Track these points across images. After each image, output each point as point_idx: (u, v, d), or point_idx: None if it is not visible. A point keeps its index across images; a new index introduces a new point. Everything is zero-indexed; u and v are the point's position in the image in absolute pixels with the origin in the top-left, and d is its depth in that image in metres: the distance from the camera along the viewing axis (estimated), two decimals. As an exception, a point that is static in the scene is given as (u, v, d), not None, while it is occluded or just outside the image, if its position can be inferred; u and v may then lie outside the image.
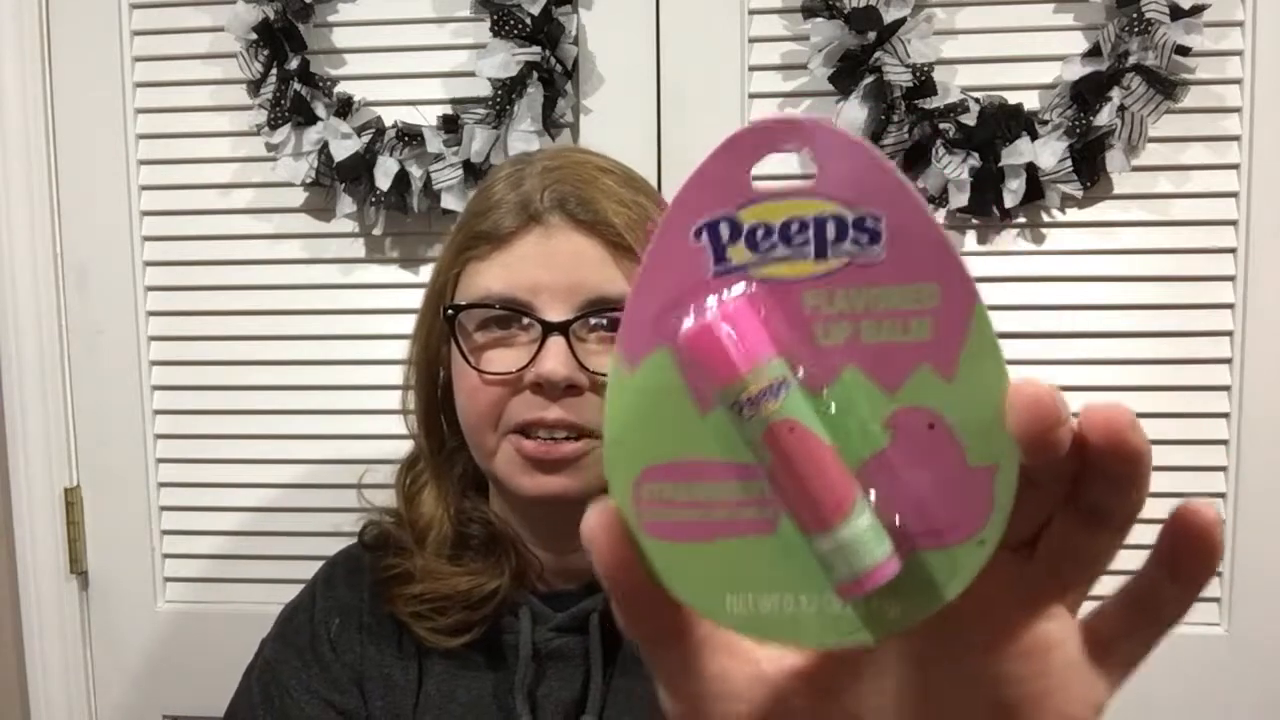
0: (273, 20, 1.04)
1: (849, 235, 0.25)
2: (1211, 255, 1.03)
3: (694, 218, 0.26)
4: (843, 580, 0.25)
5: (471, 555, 0.73)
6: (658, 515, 0.26)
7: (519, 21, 1.00)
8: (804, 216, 0.25)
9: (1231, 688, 1.05)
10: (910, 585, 0.25)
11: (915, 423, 0.25)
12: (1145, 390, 1.04)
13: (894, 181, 0.25)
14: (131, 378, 1.15)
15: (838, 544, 0.25)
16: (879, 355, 0.25)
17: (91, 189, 1.14)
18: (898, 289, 0.25)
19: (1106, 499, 0.26)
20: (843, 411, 0.25)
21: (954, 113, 1.00)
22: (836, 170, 0.25)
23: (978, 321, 0.24)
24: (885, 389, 0.25)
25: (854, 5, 0.98)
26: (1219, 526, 0.26)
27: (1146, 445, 0.24)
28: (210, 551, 1.16)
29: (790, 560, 0.26)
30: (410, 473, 0.78)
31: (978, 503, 0.25)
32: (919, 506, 0.25)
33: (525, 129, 1.02)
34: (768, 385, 0.25)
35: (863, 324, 0.25)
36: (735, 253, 0.25)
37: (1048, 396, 0.23)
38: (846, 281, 0.25)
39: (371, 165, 1.05)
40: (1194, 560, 0.26)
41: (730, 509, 0.26)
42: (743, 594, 0.26)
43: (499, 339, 0.69)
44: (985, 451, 0.25)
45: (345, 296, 1.12)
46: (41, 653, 1.17)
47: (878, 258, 0.25)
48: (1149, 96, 0.98)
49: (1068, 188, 1.01)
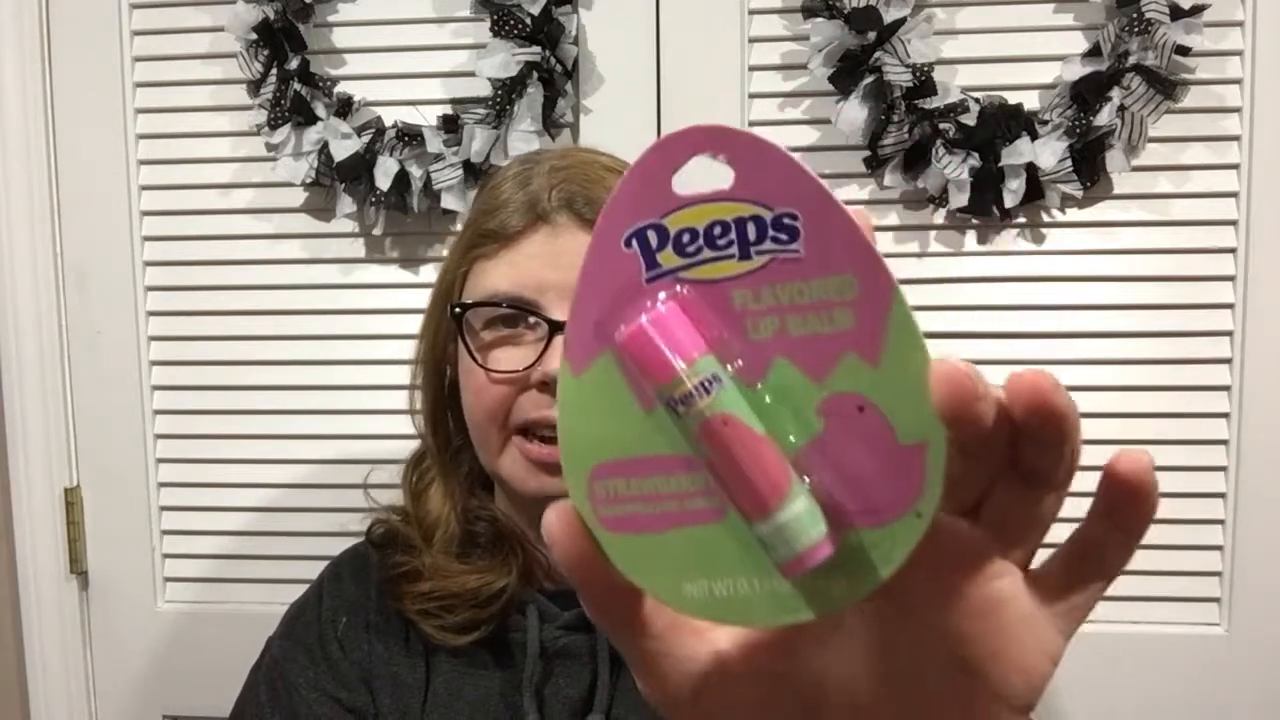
0: (273, 20, 1.04)
1: (769, 234, 0.26)
2: (1211, 255, 1.03)
3: (624, 226, 0.27)
4: (784, 561, 0.27)
5: (479, 553, 0.73)
6: (612, 510, 0.28)
7: (519, 21, 1.00)
8: (725, 219, 0.27)
9: (1231, 688, 1.05)
10: (853, 561, 0.27)
11: (845, 407, 0.26)
12: (1145, 390, 1.04)
13: (809, 181, 0.26)
14: (131, 378, 1.15)
15: (775, 527, 0.26)
16: (806, 346, 0.27)
17: (91, 189, 1.14)
18: (818, 282, 0.26)
19: (1041, 461, 0.27)
20: (777, 401, 0.27)
21: (954, 113, 1.00)
22: (753, 173, 0.26)
23: (897, 308, 0.26)
24: (814, 378, 0.27)
25: (854, 5, 0.98)
26: (1150, 471, 0.27)
27: (1071, 405, 0.26)
28: (210, 551, 1.16)
29: (738, 546, 0.28)
30: (417, 470, 0.78)
31: (911, 479, 0.26)
32: (855, 486, 0.27)
33: (525, 129, 1.02)
34: (699, 382, 0.26)
35: (789, 318, 0.27)
36: (665, 257, 0.27)
37: (964, 374, 0.25)
38: (770, 278, 0.27)
39: (371, 165, 1.05)
40: (1131, 507, 0.28)
41: (680, 500, 0.28)
42: (697, 580, 0.28)
43: (506, 338, 0.69)
44: (914, 430, 0.26)
45: (345, 296, 1.12)
46: (41, 653, 1.17)
47: (797, 254, 0.26)
48: (1149, 96, 0.98)
49: (1068, 188, 1.01)
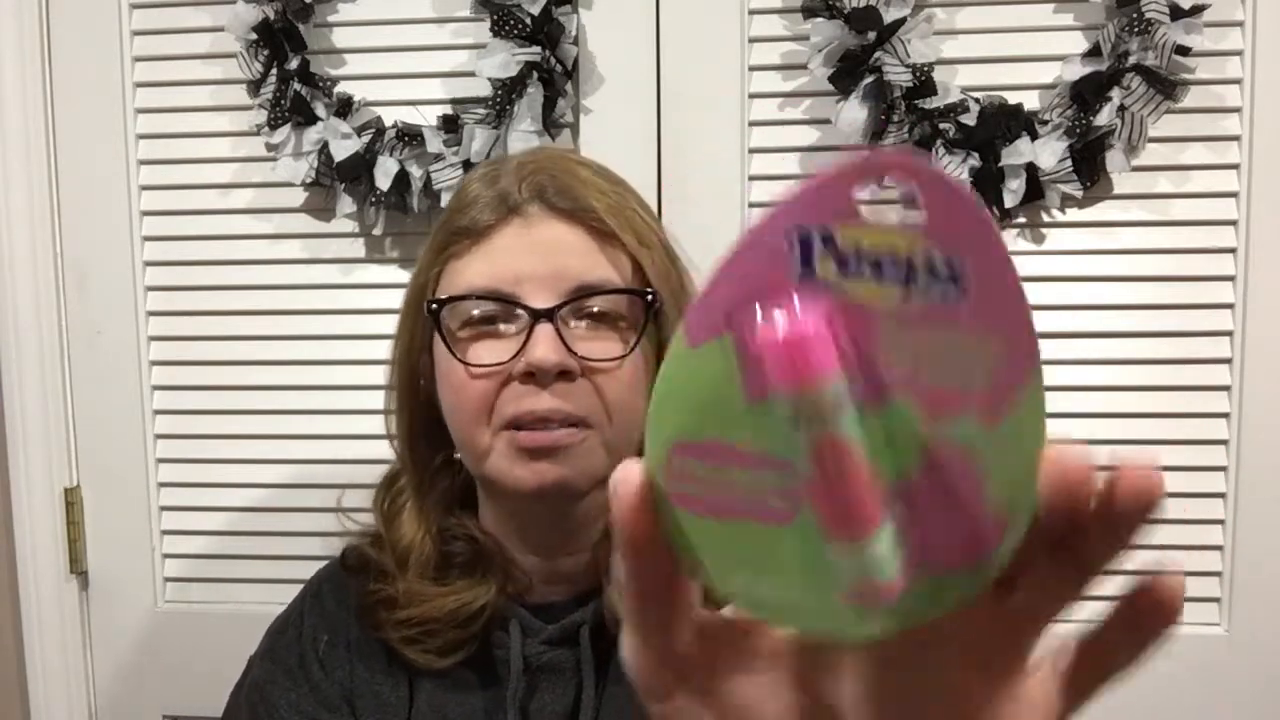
0: (273, 20, 1.04)
1: (935, 278, 0.26)
2: (1211, 255, 1.03)
3: (793, 221, 0.26)
4: (849, 588, 0.27)
5: (456, 574, 0.71)
6: (684, 487, 0.28)
7: (519, 21, 1.00)
8: (897, 249, 0.26)
9: (1231, 688, 1.05)
10: (905, 599, 0.27)
11: (948, 460, 0.26)
12: (1145, 390, 1.04)
13: (990, 235, 0.25)
14: (131, 378, 1.15)
15: (854, 557, 0.26)
16: (934, 393, 0.26)
17: (91, 189, 1.14)
18: (967, 338, 0.26)
19: (1098, 551, 0.27)
20: (886, 435, 0.26)
21: (954, 113, 1.00)
22: (939, 215, 0.25)
23: (1033, 382, 0.26)
24: (929, 423, 0.26)
25: (854, 5, 0.98)
26: (1183, 590, 0.28)
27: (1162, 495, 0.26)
28: (210, 551, 1.16)
29: (800, 553, 0.27)
30: (389, 493, 0.76)
31: (984, 542, 0.26)
32: (931, 535, 0.27)
33: (525, 129, 1.02)
34: (829, 402, 0.25)
35: (925, 362, 0.26)
36: (823, 266, 0.26)
37: (1084, 469, 0.25)
38: (921, 320, 0.26)
39: (371, 165, 1.05)
40: (1155, 624, 0.28)
41: (753, 495, 0.27)
42: (748, 573, 0.28)
43: (485, 333, 0.68)
44: (1006, 501, 0.26)
45: (345, 296, 1.12)
46: (41, 653, 1.17)
47: (957, 305, 0.26)
48: (1149, 96, 0.98)
49: (1068, 188, 1.01)
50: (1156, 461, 0.25)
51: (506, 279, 0.66)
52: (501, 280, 0.67)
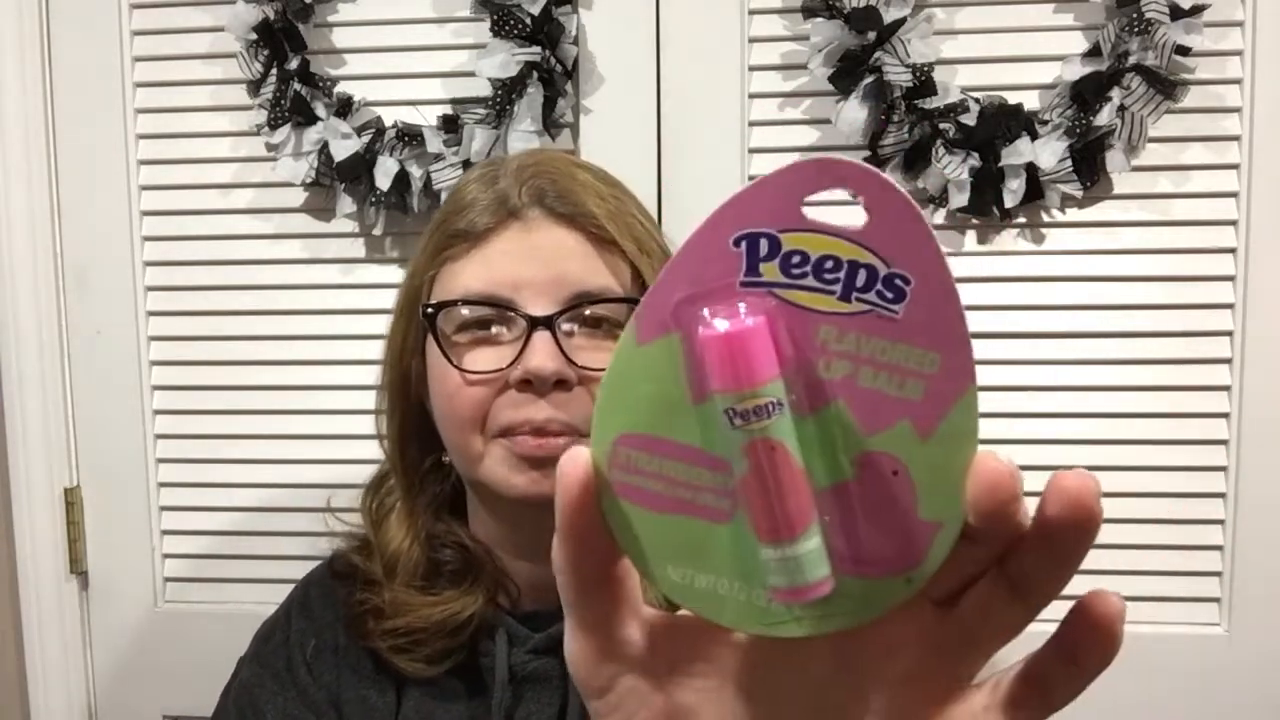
0: (273, 20, 1.04)
1: (876, 287, 0.26)
2: (1211, 255, 1.03)
3: (740, 224, 0.27)
4: (779, 587, 0.28)
5: (444, 582, 0.71)
6: (626, 478, 0.28)
7: (519, 21, 1.00)
8: (840, 257, 0.27)
9: (1231, 688, 1.05)
10: (833, 600, 0.28)
11: (882, 466, 0.27)
12: (1145, 390, 1.04)
13: (932, 250, 0.26)
14: (131, 378, 1.15)
15: (784, 557, 0.27)
16: (868, 400, 0.27)
17: (91, 189, 1.14)
18: (904, 348, 0.26)
19: (1037, 570, 0.27)
20: (820, 439, 0.27)
21: (954, 113, 1.00)
22: (883, 225, 0.26)
23: (967, 399, 0.26)
24: (864, 430, 0.27)
25: (854, 5, 0.98)
26: (1121, 619, 0.27)
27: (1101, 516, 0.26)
28: (210, 551, 1.16)
29: (733, 551, 0.28)
30: (376, 495, 0.75)
31: (915, 549, 0.27)
32: (862, 538, 0.27)
33: (525, 129, 1.02)
34: (764, 404, 0.26)
35: (862, 368, 0.27)
36: (767, 269, 0.27)
37: (1008, 476, 0.25)
38: (860, 328, 0.27)
39: (371, 165, 1.05)
40: (1093, 648, 0.27)
41: (693, 491, 0.28)
42: (683, 567, 0.29)
43: (481, 339, 0.66)
44: (936, 508, 0.27)
45: (345, 296, 1.12)
46: (41, 653, 1.17)
47: (895, 315, 0.26)
48: (1149, 96, 0.98)
49: (1068, 188, 1.01)
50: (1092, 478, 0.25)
51: (504, 284, 0.65)
52: (499, 285, 0.65)
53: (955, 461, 0.26)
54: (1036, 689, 0.29)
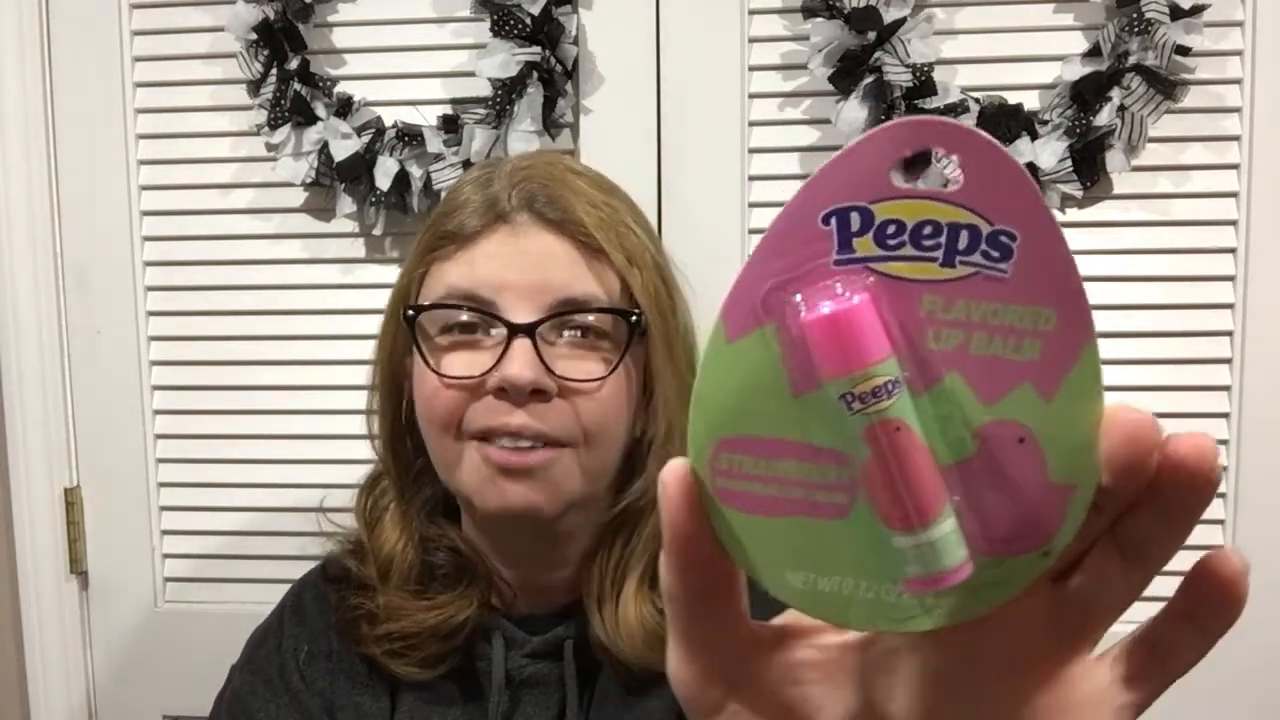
0: (273, 20, 1.04)
1: (980, 247, 0.25)
2: (1211, 255, 1.03)
3: (826, 202, 0.25)
4: (915, 576, 0.26)
5: (438, 586, 0.70)
6: (731, 484, 0.27)
7: (519, 21, 1.00)
8: (939, 221, 0.25)
9: (1232, 688, 1.05)
10: (970, 585, 0.26)
11: (1006, 435, 0.25)
12: (1145, 390, 1.04)
13: (1035, 202, 0.25)
14: (131, 378, 1.15)
15: (920, 544, 0.25)
16: (984, 367, 0.25)
17: (91, 189, 1.14)
18: (1017, 308, 0.25)
19: (1153, 533, 0.26)
20: (938, 415, 0.26)
21: (954, 113, 1.00)
22: (980, 181, 0.25)
23: (1087, 352, 0.25)
24: (983, 400, 0.25)
25: (854, 5, 0.98)
26: (1245, 577, 0.26)
27: (1218, 476, 0.25)
28: (210, 552, 1.16)
29: (856, 546, 0.27)
30: (371, 495, 0.75)
31: (1050, 518, 0.25)
32: (995, 514, 0.26)
33: (525, 129, 1.02)
34: (882, 383, 0.25)
35: (975, 335, 0.25)
36: (861, 244, 0.25)
37: (1149, 425, 0.24)
38: (968, 292, 0.25)
39: (371, 165, 1.05)
40: (1216, 609, 0.27)
41: (806, 490, 0.27)
42: (804, 571, 0.27)
43: (462, 342, 0.66)
44: (1068, 471, 0.25)
45: (345, 296, 1.12)
46: (41, 653, 1.17)
47: (1004, 275, 0.25)
48: (1149, 96, 0.98)
49: (1068, 188, 1.01)
50: (1208, 438, 0.24)
51: (487, 287, 0.65)
52: (482, 288, 0.65)
53: (1084, 418, 0.25)
54: (1159, 656, 0.28)
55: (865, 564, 0.27)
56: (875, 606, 0.27)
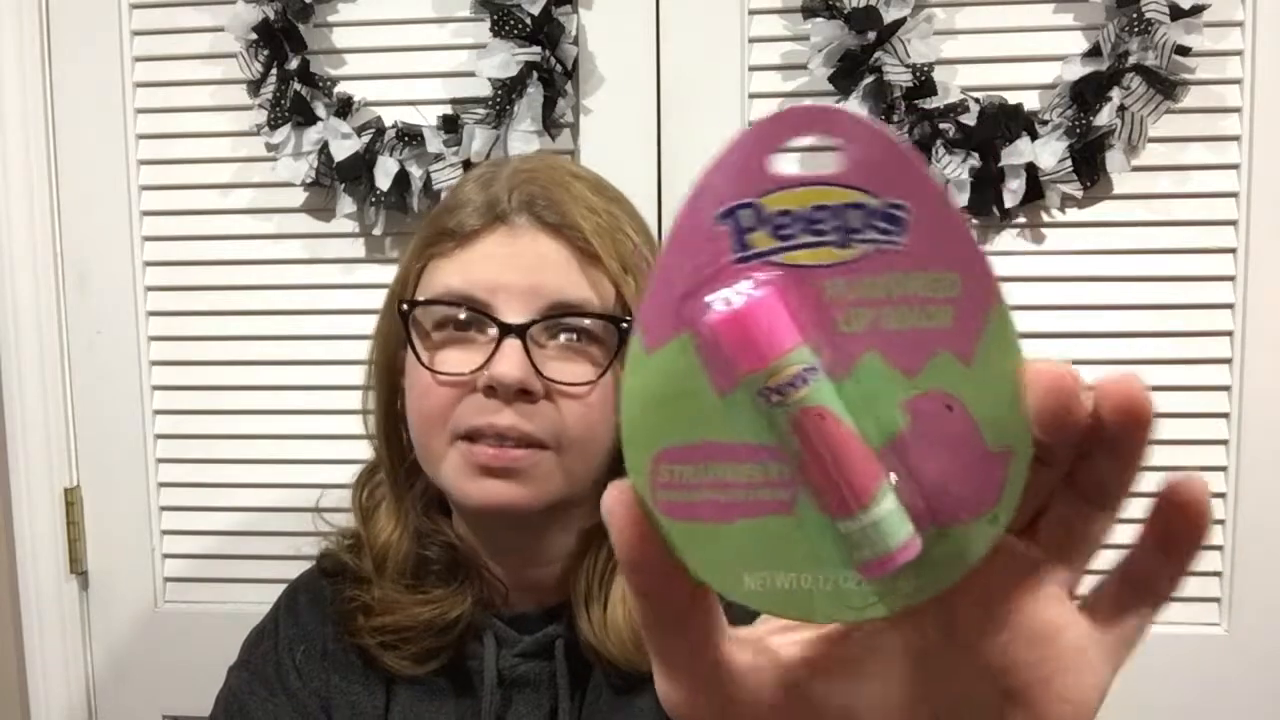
0: (273, 20, 1.04)
1: (872, 223, 0.25)
2: (1211, 255, 1.03)
3: (717, 203, 0.26)
4: (866, 560, 0.26)
5: (433, 580, 0.71)
6: (674, 496, 0.27)
7: (519, 21, 1.00)
8: (828, 204, 0.25)
9: (1231, 688, 1.05)
10: (924, 561, 0.26)
11: (933, 406, 0.26)
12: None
13: (917, 171, 0.25)
14: (131, 378, 1.15)
15: (864, 526, 0.25)
16: (899, 341, 0.26)
17: (91, 189, 1.14)
18: (919, 276, 0.25)
19: (1109, 474, 0.26)
20: (862, 396, 0.26)
21: (954, 113, 1.00)
22: (860, 158, 0.25)
23: (998, 310, 0.25)
24: (905, 373, 0.26)
25: (854, 5, 0.98)
26: (1207, 497, 0.27)
27: (1154, 411, 0.25)
28: (210, 552, 1.16)
29: (806, 539, 0.27)
30: (367, 487, 0.75)
31: (992, 482, 0.25)
32: (935, 486, 0.26)
33: (525, 129, 1.02)
34: (795, 373, 0.25)
35: (884, 310, 0.25)
36: (757, 239, 0.26)
37: (1068, 375, 0.24)
38: (868, 269, 0.25)
39: (371, 165, 1.05)
40: (1185, 533, 0.27)
41: (748, 490, 0.26)
42: (759, 572, 0.27)
43: (455, 339, 0.66)
44: (1001, 433, 0.25)
45: (345, 296, 1.12)
46: (41, 653, 1.17)
47: (900, 246, 0.25)
48: (1149, 96, 0.98)
49: (1068, 188, 1.01)
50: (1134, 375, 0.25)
51: (483, 286, 0.65)
52: (477, 287, 0.65)
53: (1006, 377, 0.25)
54: (1137, 591, 0.28)
55: (818, 556, 0.27)
56: (836, 597, 0.27)
